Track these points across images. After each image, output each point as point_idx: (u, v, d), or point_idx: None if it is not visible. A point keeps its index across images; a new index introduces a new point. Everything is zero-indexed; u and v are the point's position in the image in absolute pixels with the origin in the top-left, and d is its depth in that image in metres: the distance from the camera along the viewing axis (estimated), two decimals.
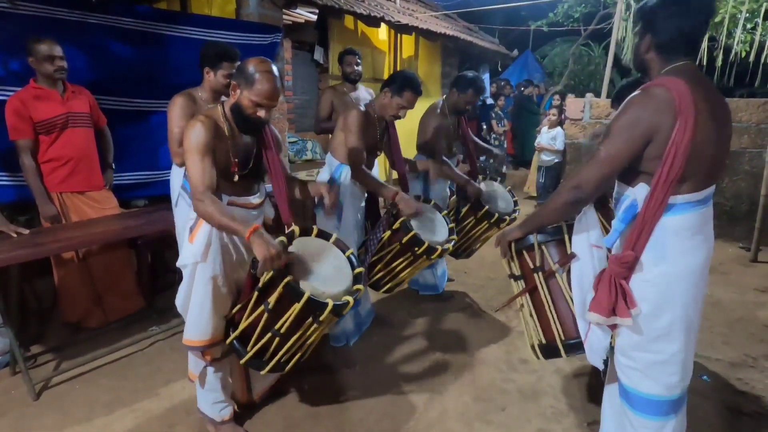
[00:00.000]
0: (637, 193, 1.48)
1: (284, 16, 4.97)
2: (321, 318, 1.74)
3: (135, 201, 3.67)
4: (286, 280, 1.68)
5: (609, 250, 1.61)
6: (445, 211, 2.88)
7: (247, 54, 1.93)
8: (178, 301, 1.96)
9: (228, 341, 1.92)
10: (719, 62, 5.48)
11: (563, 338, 1.72)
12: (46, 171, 2.80)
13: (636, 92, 1.46)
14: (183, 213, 2.48)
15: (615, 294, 1.47)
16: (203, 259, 1.85)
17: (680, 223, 1.46)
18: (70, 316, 3.04)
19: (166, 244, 3.31)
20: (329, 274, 1.88)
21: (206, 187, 1.75)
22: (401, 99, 2.51)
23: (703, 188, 1.47)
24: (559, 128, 6.33)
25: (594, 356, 1.62)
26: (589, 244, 1.61)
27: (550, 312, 1.73)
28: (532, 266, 1.76)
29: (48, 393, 2.43)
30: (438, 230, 2.63)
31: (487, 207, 3.07)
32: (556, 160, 6.34)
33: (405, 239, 2.42)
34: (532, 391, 2.48)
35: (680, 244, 1.47)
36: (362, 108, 2.65)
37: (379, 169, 3.16)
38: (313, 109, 6.70)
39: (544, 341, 1.79)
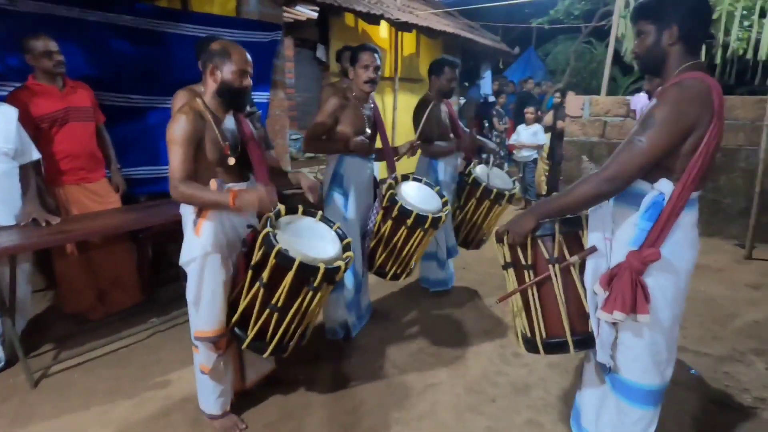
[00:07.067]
0: (663, 188, 1.47)
1: (286, 14, 5.00)
2: (315, 284, 1.80)
3: (136, 197, 3.72)
4: (276, 248, 1.74)
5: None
6: (446, 197, 2.93)
7: (247, 52, 1.99)
8: (190, 296, 1.97)
9: (230, 325, 1.97)
10: (718, 60, 5.49)
11: (573, 334, 1.65)
12: (48, 165, 2.85)
13: (669, 84, 1.45)
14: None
15: (635, 290, 1.46)
16: (214, 248, 1.90)
17: (691, 218, 1.52)
18: (72, 309, 3.09)
19: (168, 238, 3.36)
20: (318, 244, 1.95)
21: (184, 176, 1.80)
22: (361, 61, 2.68)
23: (704, 185, 1.52)
24: (537, 124, 6.53)
25: (603, 352, 1.59)
26: (603, 237, 1.60)
27: (563, 306, 1.64)
28: (547, 256, 1.66)
29: (47, 381, 2.49)
30: (430, 202, 2.72)
31: (484, 184, 3.13)
32: (535, 156, 6.60)
33: (395, 213, 2.52)
34: (523, 384, 2.52)
35: (688, 238, 1.52)
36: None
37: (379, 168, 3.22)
38: (316, 106, 6.75)
39: (545, 336, 1.70)
